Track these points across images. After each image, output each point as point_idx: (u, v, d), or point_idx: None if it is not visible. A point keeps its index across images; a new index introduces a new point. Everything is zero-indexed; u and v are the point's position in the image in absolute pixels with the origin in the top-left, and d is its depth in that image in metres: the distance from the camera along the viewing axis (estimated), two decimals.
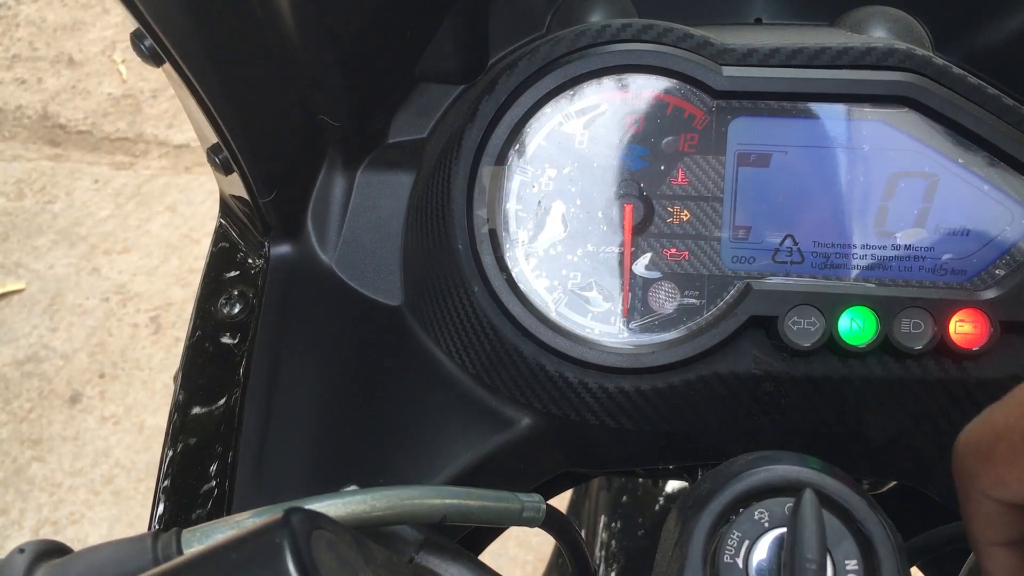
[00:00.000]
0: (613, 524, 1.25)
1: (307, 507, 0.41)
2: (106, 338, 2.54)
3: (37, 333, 2.57)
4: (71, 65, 3.21)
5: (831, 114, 0.59)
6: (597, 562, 1.21)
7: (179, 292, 2.60)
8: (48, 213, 2.84)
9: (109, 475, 2.31)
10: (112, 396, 2.44)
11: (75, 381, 2.48)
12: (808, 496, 0.41)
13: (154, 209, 2.82)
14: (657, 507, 1.26)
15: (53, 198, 2.87)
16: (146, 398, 2.42)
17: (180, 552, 0.39)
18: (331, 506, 0.42)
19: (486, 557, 0.70)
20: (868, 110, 0.59)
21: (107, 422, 2.40)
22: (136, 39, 0.50)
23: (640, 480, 1.29)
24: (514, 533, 2.10)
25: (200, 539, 0.40)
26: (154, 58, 0.50)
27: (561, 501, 1.45)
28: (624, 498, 1.28)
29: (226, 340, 0.66)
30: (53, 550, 0.40)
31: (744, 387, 0.60)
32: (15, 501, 2.28)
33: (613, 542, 1.23)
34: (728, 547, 0.43)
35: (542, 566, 1.90)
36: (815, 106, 0.59)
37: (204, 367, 0.66)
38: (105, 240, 2.75)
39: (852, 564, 0.42)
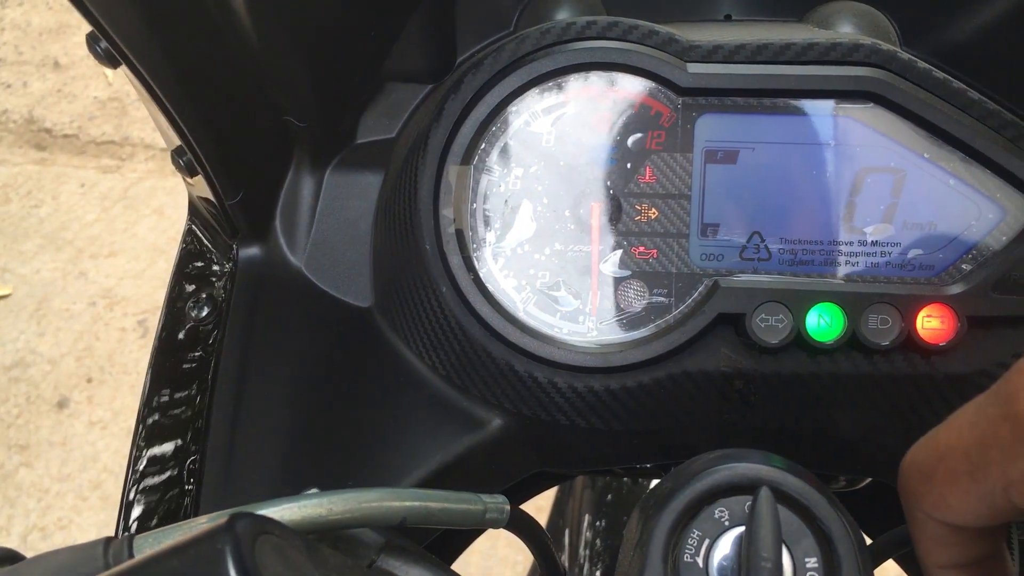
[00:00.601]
0: (598, 523, 1.25)
1: (260, 511, 0.41)
2: (93, 342, 2.54)
3: (24, 338, 2.56)
4: (57, 69, 3.20)
5: (797, 110, 0.59)
6: (581, 561, 1.21)
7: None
8: (34, 217, 2.83)
9: (97, 480, 2.30)
10: (100, 401, 2.43)
11: (62, 386, 2.47)
12: (764, 494, 0.41)
13: (141, 212, 2.81)
14: None
15: (39, 202, 2.86)
16: (134, 402, 2.41)
17: (130, 557, 0.39)
18: (286, 510, 0.41)
19: (475, 558, 0.69)
20: (834, 105, 0.59)
21: (95, 427, 2.39)
22: (91, 41, 0.49)
23: (625, 479, 1.29)
24: (504, 534, 2.10)
25: (152, 545, 0.39)
26: (109, 60, 0.50)
27: (546, 500, 1.45)
28: (609, 496, 1.28)
29: (195, 343, 0.66)
30: (5, 557, 0.40)
31: (714, 385, 0.60)
32: (3, 507, 2.27)
33: (598, 541, 1.23)
34: (688, 546, 0.43)
35: None
36: (781, 102, 0.59)
37: (172, 371, 0.65)
38: (92, 244, 2.75)
39: (812, 562, 0.41)
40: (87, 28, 0.48)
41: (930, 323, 0.57)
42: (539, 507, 1.46)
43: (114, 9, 0.47)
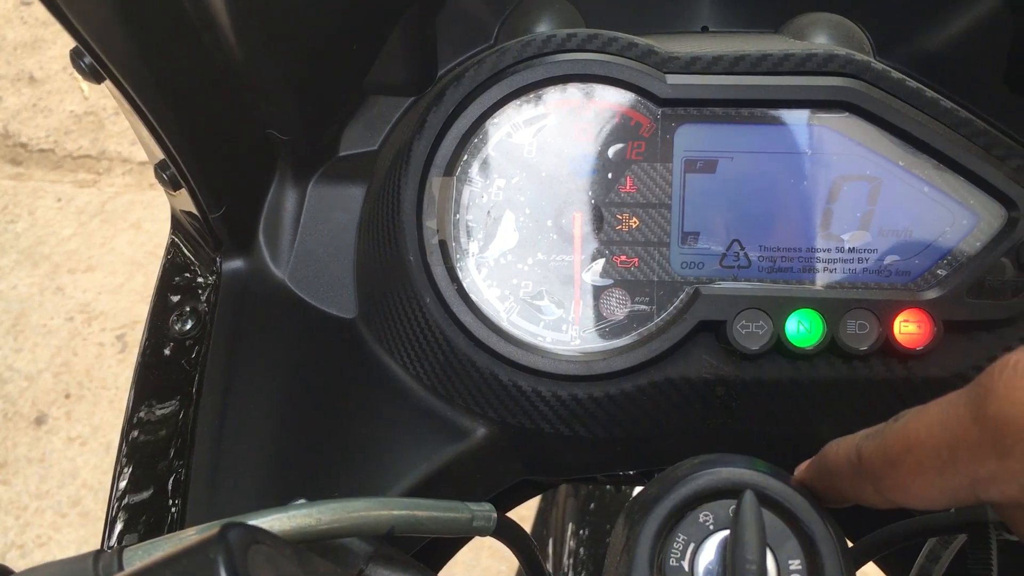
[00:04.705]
0: (581, 531, 1.26)
1: (250, 522, 0.41)
2: (71, 358, 2.51)
3: (1, 354, 2.54)
4: (32, 83, 3.17)
5: (774, 119, 0.60)
6: (566, 570, 1.22)
7: (145, 310, 2.56)
8: (10, 233, 2.80)
9: (76, 496, 2.28)
10: (78, 416, 2.41)
11: (40, 402, 2.44)
12: (748, 497, 0.42)
13: (118, 227, 2.79)
14: None
15: (15, 217, 2.84)
16: (113, 418, 2.39)
17: (120, 570, 0.39)
18: (275, 520, 0.41)
19: (458, 569, 0.70)
20: (810, 115, 0.60)
21: (74, 443, 2.37)
22: (75, 56, 0.49)
23: (608, 487, 1.30)
24: (487, 544, 2.10)
25: (142, 557, 0.39)
26: (94, 75, 0.50)
27: (529, 509, 1.45)
28: (592, 505, 1.29)
29: (179, 356, 0.66)
30: None
31: (696, 391, 0.61)
32: None
33: (582, 549, 1.24)
34: (674, 551, 0.43)
35: None
36: (759, 112, 0.60)
37: (156, 385, 0.65)
38: (69, 259, 2.72)
39: (795, 564, 0.42)
40: (63, 42, 0.49)
41: (907, 328, 0.58)
42: (522, 516, 1.46)
43: (99, 25, 0.47)
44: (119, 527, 0.61)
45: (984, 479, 0.36)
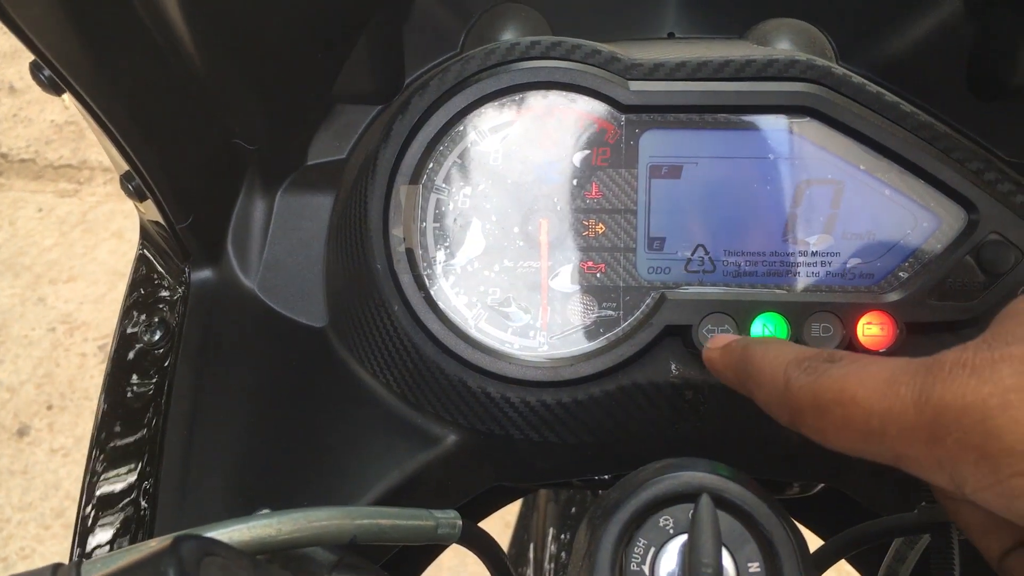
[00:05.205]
0: (562, 536, 1.26)
1: (208, 533, 0.41)
2: (53, 369, 2.50)
3: None
4: (12, 93, 3.16)
5: (737, 125, 0.61)
6: (547, 574, 1.22)
7: None
8: None
9: (60, 508, 2.27)
10: (61, 427, 2.40)
11: (22, 413, 2.43)
12: (704, 500, 0.42)
13: (100, 236, 2.78)
14: None
15: None
16: None
17: None
18: (235, 531, 0.42)
19: (446, 574, 0.70)
20: (772, 120, 0.60)
21: (56, 454, 2.36)
22: (34, 69, 0.49)
23: (588, 492, 1.30)
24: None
25: (101, 570, 0.39)
26: (53, 88, 0.50)
27: (513, 516, 1.45)
28: (573, 510, 1.29)
29: (148, 366, 0.66)
30: None
31: (663, 396, 0.61)
32: None
33: (563, 554, 1.24)
34: (635, 555, 0.43)
35: None
36: (722, 117, 0.61)
37: (126, 395, 0.65)
38: (50, 269, 2.71)
39: (754, 566, 0.42)
40: None
41: (870, 330, 0.59)
42: (507, 523, 1.46)
43: (54, 37, 0.47)
44: (89, 538, 0.61)
45: (908, 457, 0.36)
